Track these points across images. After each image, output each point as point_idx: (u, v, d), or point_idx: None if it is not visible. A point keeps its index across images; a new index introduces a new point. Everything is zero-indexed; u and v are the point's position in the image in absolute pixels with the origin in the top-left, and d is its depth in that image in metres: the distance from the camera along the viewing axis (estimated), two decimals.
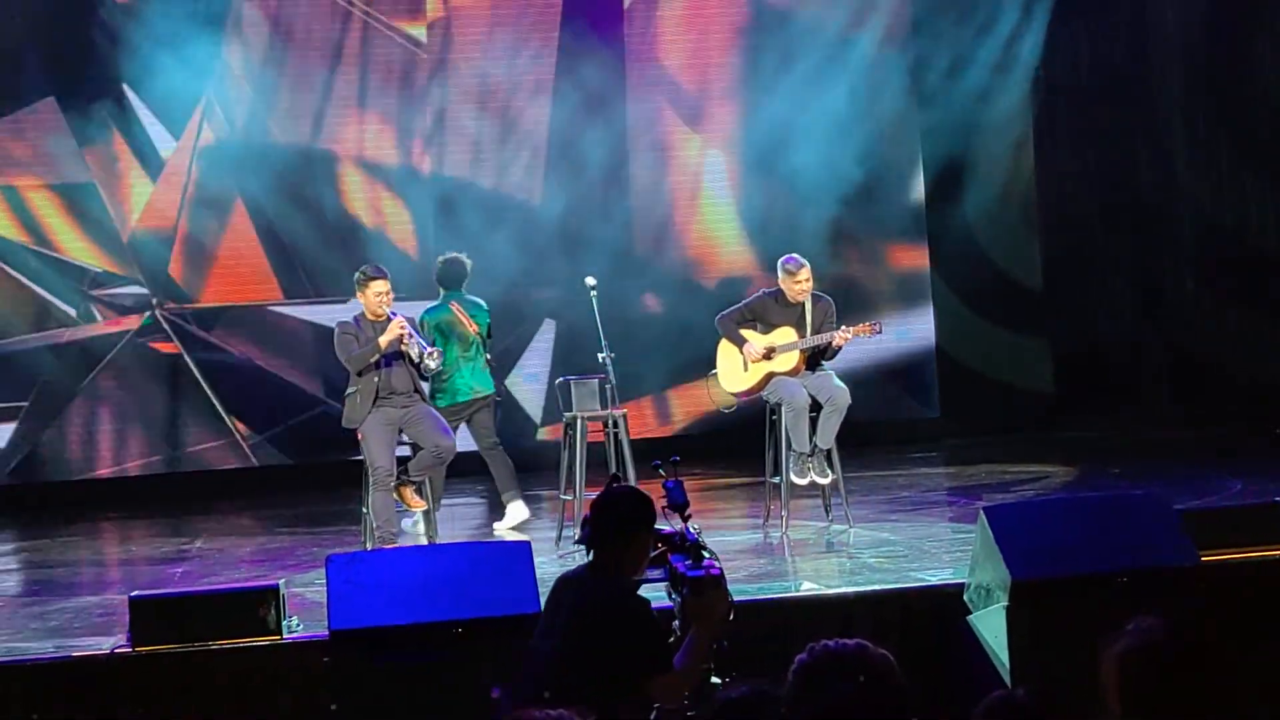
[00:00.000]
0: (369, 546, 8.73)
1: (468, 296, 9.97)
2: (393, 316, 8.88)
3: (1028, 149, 13.42)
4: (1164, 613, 3.02)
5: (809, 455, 9.03)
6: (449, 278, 9.96)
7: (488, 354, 9.94)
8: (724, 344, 9.39)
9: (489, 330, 9.98)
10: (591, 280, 9.65)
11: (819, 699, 2.93)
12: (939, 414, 13.29)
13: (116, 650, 6.68)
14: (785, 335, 9.19)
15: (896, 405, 13.18)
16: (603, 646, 4.89)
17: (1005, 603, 6.49)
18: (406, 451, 9.31)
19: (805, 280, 9.17)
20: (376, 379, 8.84)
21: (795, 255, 9.35)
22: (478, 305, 9.97)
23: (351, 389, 8.92)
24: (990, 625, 6.59)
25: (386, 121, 12.80)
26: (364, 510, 8.98)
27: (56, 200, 12.47)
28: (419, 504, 9.11)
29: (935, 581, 7.32)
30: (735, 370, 9.33)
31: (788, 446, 9.03)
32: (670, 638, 5.06)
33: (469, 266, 10.04)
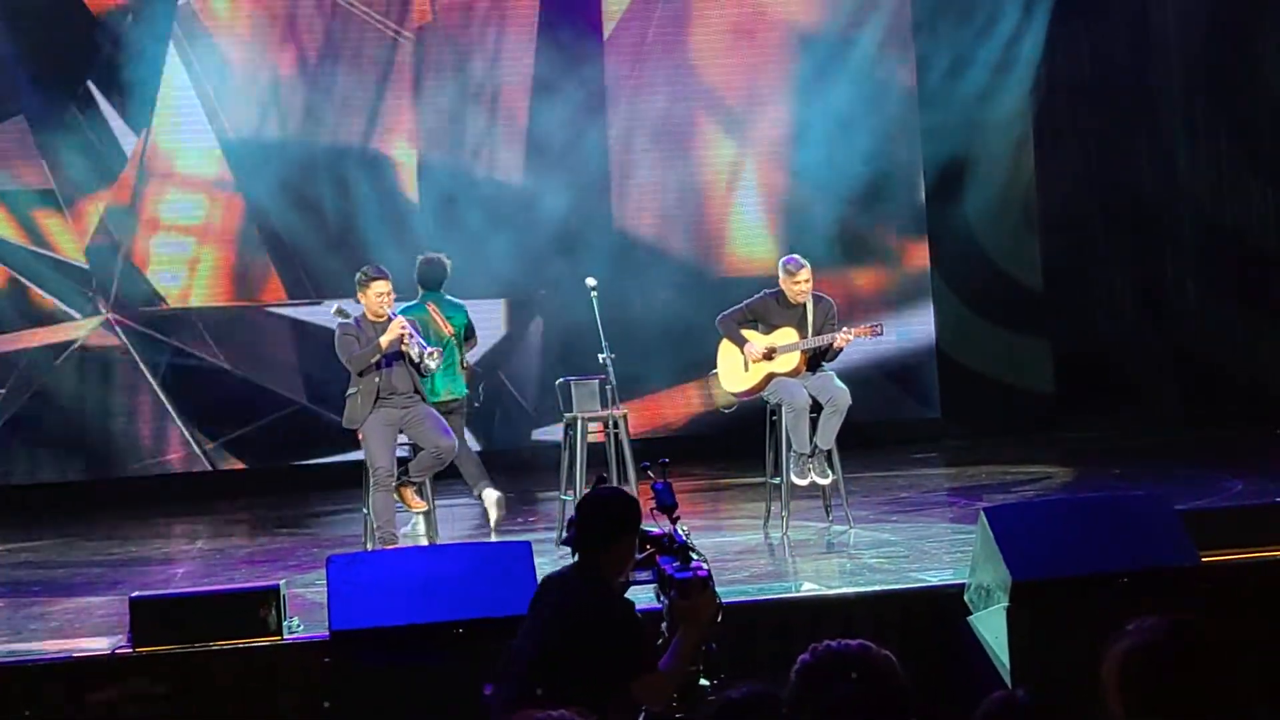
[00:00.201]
0: (369, 547, 8.73)
1: (447, 298, 9.93)
2: (393, 317, 8.89)
3: (1028, 149, 13.42)
4: (1165, 613, 3.01)
5: (809, 456, 9.03)
6: (428, 278, 9.93)
7: (464, 356, 9.89)
8: (725, 344, 9.39)
9: (467, 332, 9.93)
10: (592, 281, 9.64)
11: (821, 699, 2.93)
12: (939, 414, 13.30)
13: (117, 651, 6.68)
14: (786, 336, 9.19)
15: (897, 406, 13.18)
16: (587, 648, 4.89)
17: (1006, 603, 6.49)
18: (403, 452, 9.29)
19: (805, 281, 9.17)
20: (377, 379, 8.84)
21: (795, 256, 9.36)
22: (456, 306, 9.92)
23: (352, 389, 8.92)
24: (991, 626, 6.59)
25: (379, 118, 12.81)
26: (364, 511, 8.98)
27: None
28: (419, 505, 9.11)
29: (936, 582, 7.31)
30: (736, 370, 9.33)
31: (788, 447, 9.03)
32: (659, 639, 5.05)
33: (449, 267, 10.01)
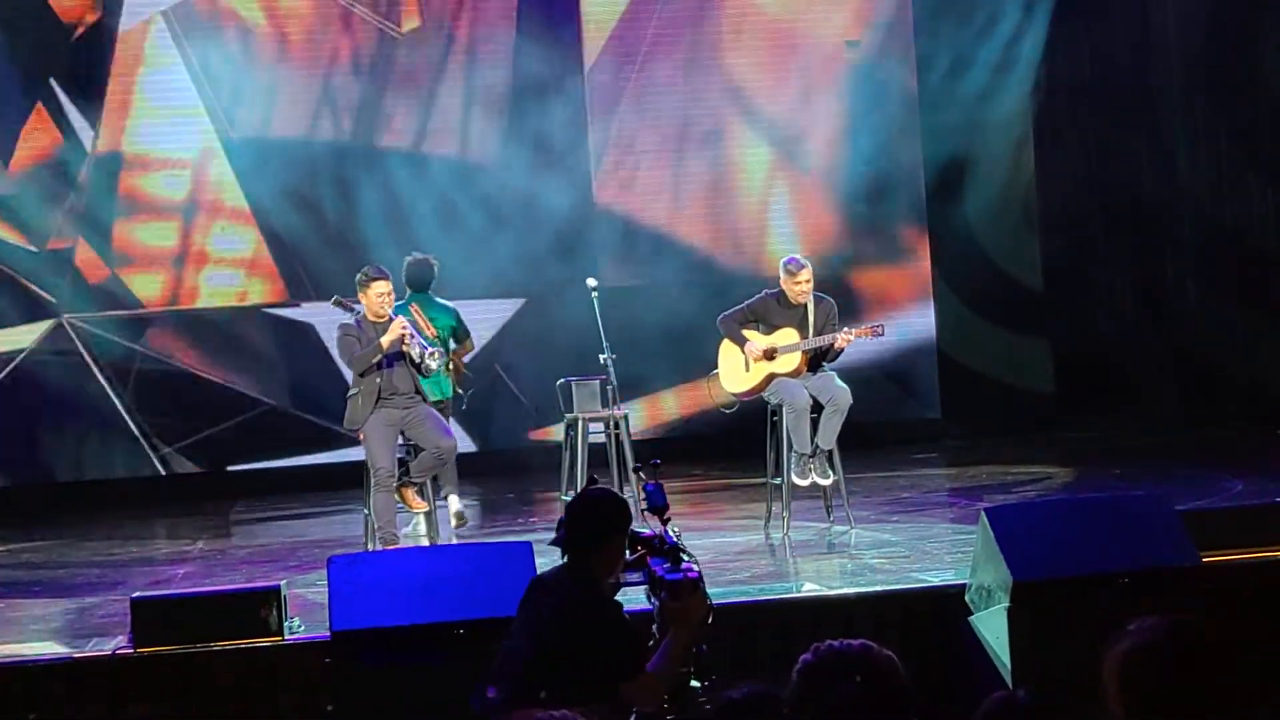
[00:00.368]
0: (370, 547, 8.74)
1: (436, 300, 9.89)
2: (393, 317, 8.89)
3: (1028, 149, 13.42)
4: (1165, 613, 3.01)
5: (810, 456, 9.03)
6: (415, 279, 9.88)
7: (451, 358, 9.80)
8: (725, 344, 9.39)
9: (459, 333, 9.87)
10: (593, 281, 9.66)
11: (823, 699, 2.93)
12: (940, 415, 13.30)
13: (118, 651, 6.69)
14: (787, 336, 9.20)
15: (898, 406, 13.18)
16: (577, 649, 4.88)
17: (1006, 603, 6.49)
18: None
19: (806, 281, 9.17)
20: (378, 380, 8.84)
21: (796, 256, 9.37)
22: (443, 308, 9.85)
23: (353, 390, 8.92)
24: (991, 626, 6.59)
25: (379, 118, 12.82)
26: (365, 511, 8.98)
27: None
28: (420, 505, 9.11)
29: (936, 582, 7.32)
30: (737, 370, 9.33)
31: (789, 447, 9.03)
32: (650, 641, 5.04)
33: (436, 268, 10.00)
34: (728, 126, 13.14)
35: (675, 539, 5.13)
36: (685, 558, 5.06)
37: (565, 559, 5.14)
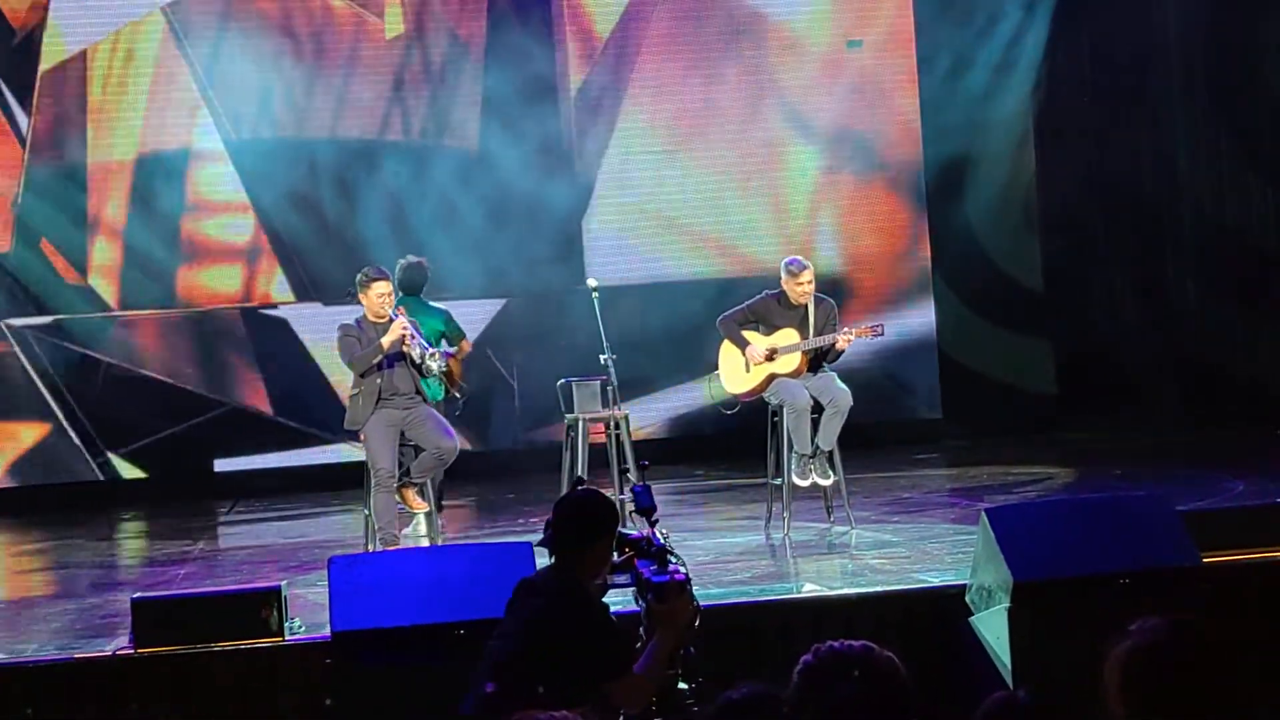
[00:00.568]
0: (371, 548, 8.73)
1: (426, 303, 9.80)
2: (394, 318, 8.89)
3: (1029, 149, 13.42)
4: (1166, 614, 3.01)
5: (811, 457, 9.03)
6: (407, 283, 9.76)
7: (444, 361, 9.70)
8: (726, 345, 9.39)
9: (442, 337, 9.71)
10: (593, 282, 9.65)
11: (823, 700, 2.93)
12: (940, 415, 13.30)
13: (119, 652, 6.69)
14: (788, 337, 9.19)
15: (898, 406, 13.18)
16: (563, 650, 4.88)
17: (1007, 604, 6.49)
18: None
19: (807, 282, 9.17)
20: (379, 380, 8.84)
21: (798, 257, 9.37)
22: (432, 311, 9.71)
23: (354, 391, 8.92)
24: (992, 626, 6.59)
25: (379, 118, 12.82)
26: (366, 512, 8.98)
27: None
28: (421, 505, 9.11)
29: (937, 583, 7.32)
30: (737, 371, 9.33)
31: (789, 448, 9.03)
32: (637, 643, 5.04)
33: (429, 272, 9.95)
34: (728, 126, 13.12)
35: (663, 541, 5.13)
36: (672, 560, 5.05)
37: (552, 560, 5.13)
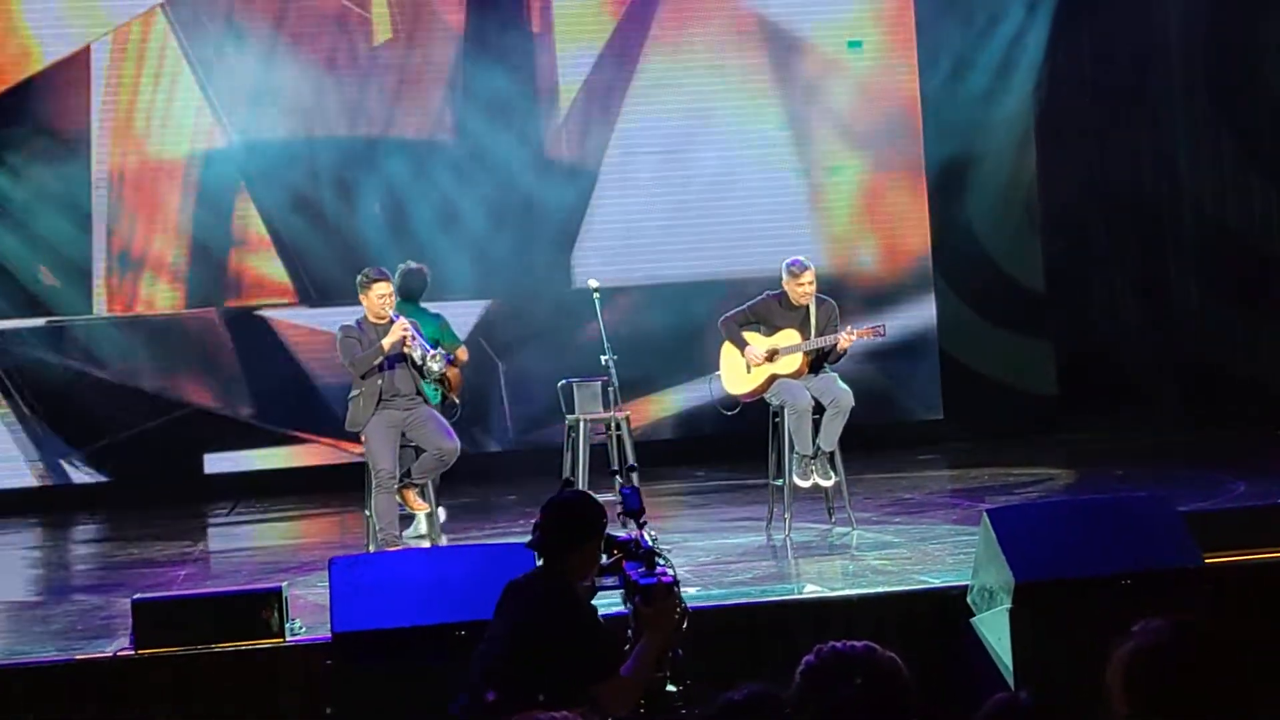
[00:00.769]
0: (372, 549, 8.73)
1: (422, 309, 9.75)
2: (394, 319, 8.88)
3: (1030, 149, 13.41)
4: (1168, 614, 3.01)
5: (812, 457, 9.02)
6: (405, 289, 9.70)
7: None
8: (727, 345, 9.39)
9: (435, 345, 9.62)
10: (595, 282, 9.64)
11: (825, 700, 2.93)
12: (941, 416, 13.29)
13: (120, 653, 6.69)
14: (789, 337, 9.19)
15: (899, 407, 13.17)
16: (550, 652, 4.87)
17: (1008, 605, 6.48)
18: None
19: (809, 282, 9.16)
20: (380, 381, 8.84)
21: (799, 257, 9.35)
22: (427, 318, 9.65)
23: (355, 392, 8.92)
24: (993, 627, 6.59)
25: (378, 118, 12.81)
26: (366, 513, 8.98)
27: None
28: (422, 506, 9.10)
29: (938, 584, 7.31)
30: (738, 372, 9.32)
31: (790, 449, 9.03)
32: (625, 645, 5.03)
33: (429, 277, 9.91)
34: (728, 126, 13.12)
35: (651, 543, 5.12)
36: (660, 562, 5.05)
37: (539, 561, 5.12)
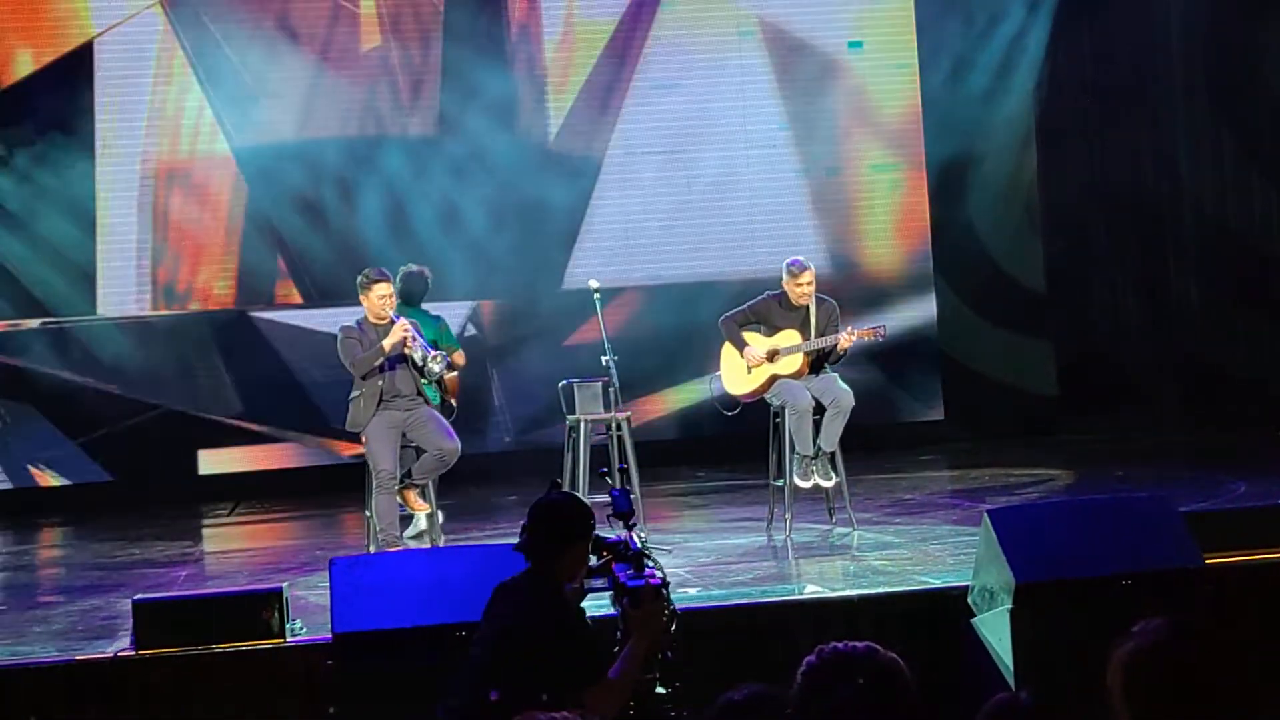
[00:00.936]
0: (372, 550, 8.73)
1: (423, 312, 9.73)
2: (395, 320, 8.88)
3: (1030, 149, 13.41)
4: (1169, 615, 3.01)
5: (812, 458, 9.02)
6: (406, 292, 9.67)
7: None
8: (728, 346, 9.39)
9: (435, 344, 9.58)
10: (595, 283, 9.64)
11: (826, 701, 2.92)
12: (942, 416, 13.29)
13: (120, 654, 6.68)
14: (789, 338, 9.19)
15: (900, 408, 13.17)
16: (537, 655, 4.85)
17: (1009, 605, 6.48)
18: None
19: (808, 283, 9.16)
20: (380, 382, 8.84)
21: (799, 257, 9.35)
22: (428, 321, 9.67)
23: (355, 392, 8.92)
24: (994, 628, 6.58)
25: (378, 119, 12.81)
26: (367, 514, 8.98)
27: None
28: (422, 507, 9.09)
29: (939, 584, 7.31)
30: (739, 372, 9.32)
31: (791, 449, 9.03)
32: (615, 647, 5.02)
33: (429, 280, 9.89)
34: (728, 127, 13.12)
35: (639, 545, 5.12)
36: (649, 564, 5.04)
37: (527, 563, 5.11)
